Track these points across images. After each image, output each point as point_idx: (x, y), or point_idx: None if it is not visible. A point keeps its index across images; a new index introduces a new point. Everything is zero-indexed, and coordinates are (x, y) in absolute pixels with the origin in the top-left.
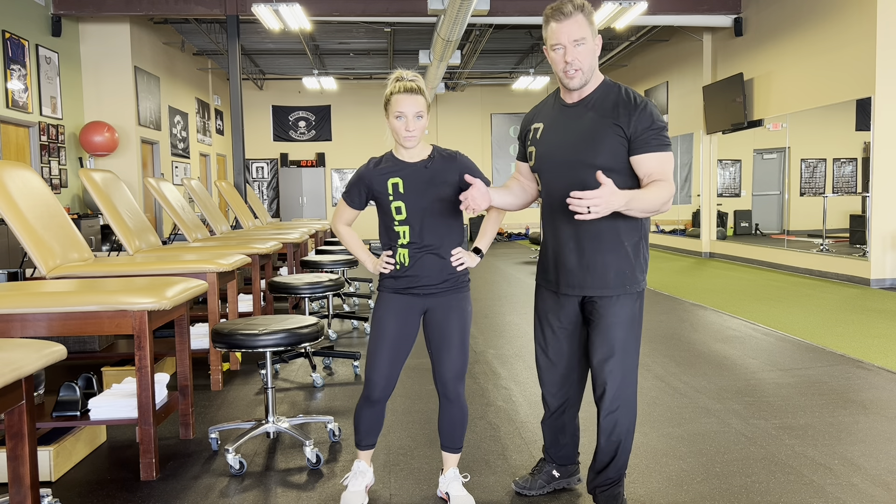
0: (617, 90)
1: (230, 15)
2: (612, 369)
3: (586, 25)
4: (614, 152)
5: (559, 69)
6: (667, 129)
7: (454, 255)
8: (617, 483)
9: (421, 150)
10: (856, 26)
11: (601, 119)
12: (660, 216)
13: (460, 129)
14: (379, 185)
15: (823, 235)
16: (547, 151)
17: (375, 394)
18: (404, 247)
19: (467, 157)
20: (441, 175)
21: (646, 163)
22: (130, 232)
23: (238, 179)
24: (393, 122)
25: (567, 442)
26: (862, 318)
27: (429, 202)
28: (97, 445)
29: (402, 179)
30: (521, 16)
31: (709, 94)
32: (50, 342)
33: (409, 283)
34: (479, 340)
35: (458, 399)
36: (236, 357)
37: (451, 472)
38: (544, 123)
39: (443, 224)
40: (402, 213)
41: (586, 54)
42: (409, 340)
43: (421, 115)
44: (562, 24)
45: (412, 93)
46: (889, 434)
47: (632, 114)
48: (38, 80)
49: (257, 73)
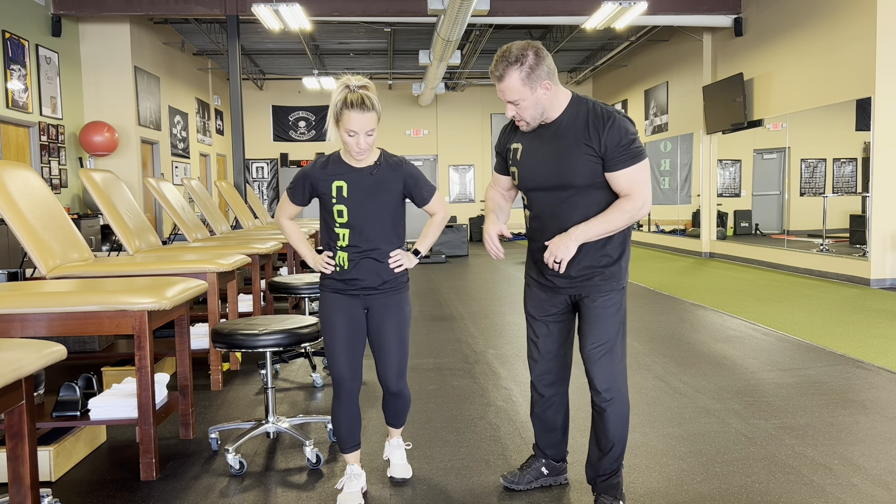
0: (586, 109)
1: (230, 15)
2: (603, 361)
3: (520, 84)
4: (591, 171)
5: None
6: (637, 139)
7: (393, 256)
8: (615, 473)
9: (368, 156)
10: (856, 26)
11: (574, 141)
12: (660, 216)
13: (460, 129)
14: (323, 186)
15: (823, 235)
16: (529, 174)
17: (345, 387)
18: (344, 249)
19: (413, 167)
20: (386, 182)
21: (618, 180)
22: (130, 232)
23: (238, 179)
24: (344, 137)
25: (557, 434)
26: (862, 318)
27: (371, 208)
28: (97, 445)
29: (347, 183)
30: (521, 16)
31: (709, 94)
32: (50, 342)
33: (348, 286)
34: (479, 340)
35: (400, 392)
36: (236, 357)
37: (396, 441)
38: (522, 144)
39: (383, 229)
40: (344, 217)
41: (527, 109)
42: (361, 333)
43: (372, 132)
44: (499, 85)
45: (364, 110)
46: (889, 434)
47: (601, 132)
48: (38, 80)
49: (257, 73)
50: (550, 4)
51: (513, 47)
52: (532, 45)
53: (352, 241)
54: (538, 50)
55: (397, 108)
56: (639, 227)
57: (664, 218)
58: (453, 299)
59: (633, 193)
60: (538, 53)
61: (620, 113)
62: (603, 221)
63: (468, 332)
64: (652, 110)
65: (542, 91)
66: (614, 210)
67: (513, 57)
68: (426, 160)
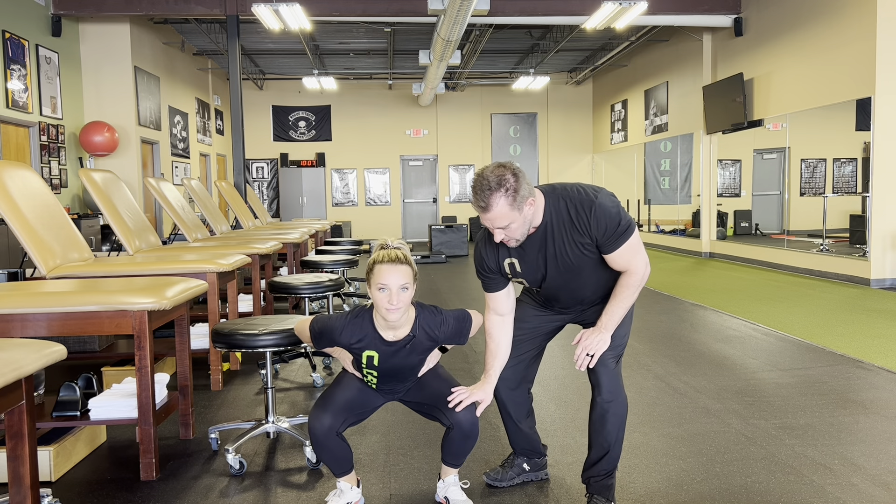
0: (564, 205)
1: (230, 15)
2: (612, 367)
3: (508, 209)
4: (593, 260)
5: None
6: (621, 215)
7: (421, 370)
8: (610, 474)
9: (405, 323)
10: (856, 26)
11: (563, 240)
12: (660, 217)
13: (460, 129)
14: (352, 351)
15: (823, 235)
16: (536, 278)
17: (318, 436)
18: (373, 378)
19: (454, 322)
20: (421, 346)
21: (615, 260)
22: (130, 232)
23: (238, 179)
24: (375, 294)
25: (527, 428)
26: (862, 318)
27: (404, 370)
28: (97, 445)
29: (378, 354)
30: (521, 16)
31: (709, 94)
32: (50, 342)
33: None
34: (479, 340)
35: (473, 430)
36: (236, 357)
37: (451, 479)
38: (516, 258)
39: (413, 375)
40: (374, 375)
41: (517, 229)
42: (367, 411)
43: (406, 286)
44: (486, 215)
45: (396, 263)
46: (889, 434)
47: (590, 228)
48: (38, 80)
49: (257, 73)
50: (550, 4)
51: (488, 174)
52: (504, 165)
53: (381, 382)
54: (514, 170)
55: (397, 108)
56: (639, 227)
57: (664, 218)
58: (453, 299)
59: (631, 268)
60: (515, 173)
61: (596, 191)
62: (621, 306)
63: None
64: (652, 110)
65: (528, 208)
66: (623, 290)
67: (494, 184)
68: (426, 160)
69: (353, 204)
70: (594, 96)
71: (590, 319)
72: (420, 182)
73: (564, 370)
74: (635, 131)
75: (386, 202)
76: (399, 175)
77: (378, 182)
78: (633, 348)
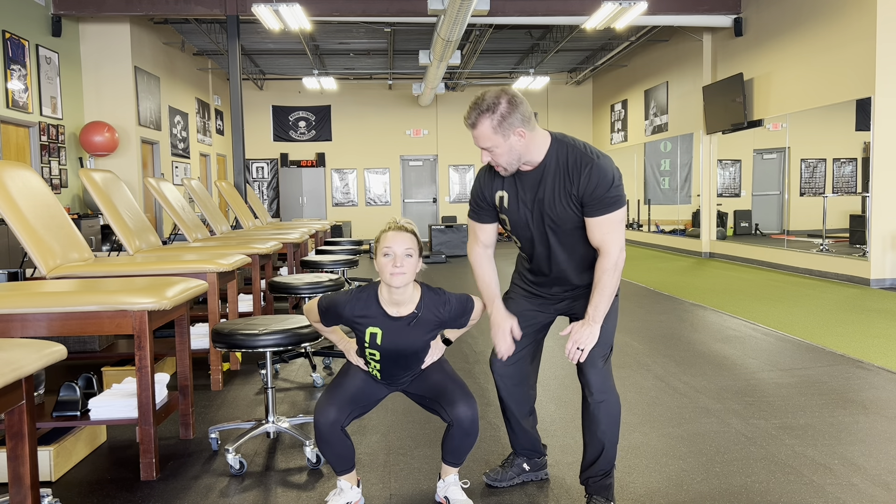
0: (566, 152)
1: (230, 15)
2: (601, 365)
3: (491, 132)
4: (576, 218)
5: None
6: (615, 184)
7: (425, 361)
8: (608, 474)
9: (409, 300)
10: (856, 26)
11: (555, 186)
12: (660, 216)
13: (460, 129)
14: (356, 328)
15: (823, 235)
16: (519, 220)
17: (323, 430)
18: (375, 363)
19: (457, 304)
20: (426, 324)
21: (594, 229)
22: (130, 232)
23: (238, 179)
24: (380, 260)
25: (528, 427)
26: (862, 318)
27: (407, 350)
28: (97, 445)
29: (382, 331)
30: (521, 16)
31: (709, 94)
32: (50, 342)
33: (379, 380)
34: (479, 340)
35: (473, 427)
36: (236, 357)
37: (451, 478)
38: (508, 193)
39: (417, 360)
40: (377, 356)
41: (501, 155)
42: (370, 404)
43: (410, 253)
44: (472, 132)
45: (402, 230)
46: (889, 434)
47: (579, 178)
48: (38, 80)
49: (257, 73)
50: (550, 4)
51: (486, 95)
52: (506, 92)
53: (383, 368)
54: (512, 98)
55: (397, 108)
56: (639, 227)
57: (664, 218)
58: None
59: (605, 246)
60: (511, 101)
61: (601, 155)
62: (604, 294)
63: (468, 332)
64: (652, 110)
65: (515, 138)
66: (601, 275)
67: (485, 105)
68: (426, 160)
69: (353, 204)
70: (594, 96)
71: (577, 312)
72: (420, 182)
73: (564, 370)
74: (635, 131)
75: (386, 202)
76: (399, 175)
77: (378, 182)
78: (633, 348)
